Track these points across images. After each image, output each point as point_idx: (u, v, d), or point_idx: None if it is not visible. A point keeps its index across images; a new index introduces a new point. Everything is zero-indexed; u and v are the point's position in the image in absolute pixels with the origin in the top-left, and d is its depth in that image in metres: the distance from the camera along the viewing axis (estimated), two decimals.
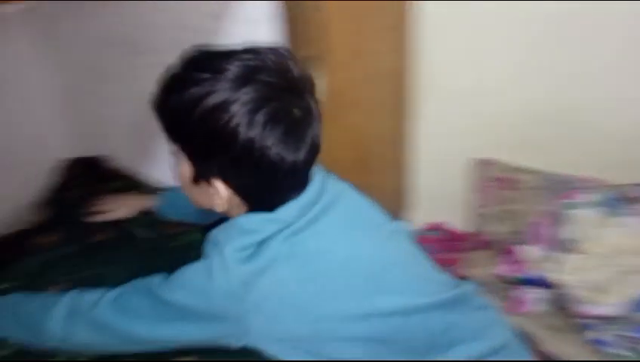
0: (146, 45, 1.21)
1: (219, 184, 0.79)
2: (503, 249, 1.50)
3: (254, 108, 0.73)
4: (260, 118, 0.73)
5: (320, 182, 0.85)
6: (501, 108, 1.54)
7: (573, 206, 1.40)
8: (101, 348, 0.88)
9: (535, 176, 1.53)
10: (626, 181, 1.41)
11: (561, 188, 1.46)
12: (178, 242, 1.22)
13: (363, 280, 0.81)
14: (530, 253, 1.41)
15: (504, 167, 1.58)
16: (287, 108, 0.75)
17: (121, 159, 1.48)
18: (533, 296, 1.39)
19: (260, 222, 0.80)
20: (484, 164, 1.61)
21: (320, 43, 1.10)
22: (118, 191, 1.37)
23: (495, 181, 1.59)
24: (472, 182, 1.66)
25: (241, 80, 0.73)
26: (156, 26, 1.19)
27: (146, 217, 1.27)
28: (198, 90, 0.73)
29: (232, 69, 0.73)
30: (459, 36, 1.48)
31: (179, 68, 0.77)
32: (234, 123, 0.72)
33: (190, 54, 0.77)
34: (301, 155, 0.78)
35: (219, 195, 0.81)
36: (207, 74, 0.73)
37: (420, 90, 1.55)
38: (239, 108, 0.72)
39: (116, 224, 1.27)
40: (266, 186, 0.80)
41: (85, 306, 0.85)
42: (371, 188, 1.55)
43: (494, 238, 1.56)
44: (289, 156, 0.76)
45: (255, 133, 0.73)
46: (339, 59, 1.18)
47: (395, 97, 1.54)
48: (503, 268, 1.45)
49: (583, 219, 1.38)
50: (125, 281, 0.86)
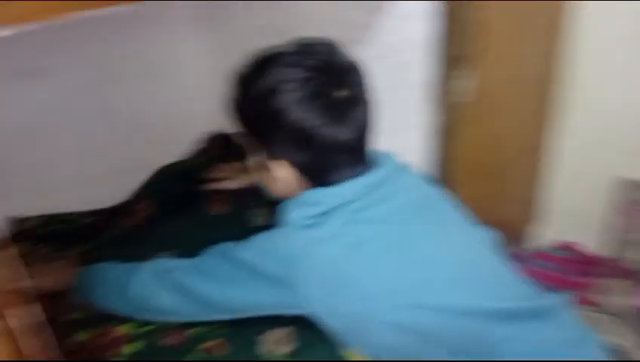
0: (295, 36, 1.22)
1: (284, 163, 0.86)
2: None
3: (299, 88, 0.80)
4: (304, 96, 0.80)
5: (388, 169, 0.89)
6: None
7: None
8: (178, 313, 0.93)
9: None
10: None
11: None
12: None
13: (415, 270, 0.82)
14: None
15: None
16: (329, 88, 0.82)
17: None
18: None
19: (322, 195, 0.85)
20: (630, 185, 1.48)
21: (475, 43, 1.06)
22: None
23: None
24: (614, 204, 1.53)
25: (291, 63, 0.82)
26: (311, 19, 1.20)
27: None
28: (257, 80, 0.83)
29: (285, 55, 0.83)
30: (617, 43, 1.36)
31: (242, 65, 0.87)
32: (282, 103, 0.81)
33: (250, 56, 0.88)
34: (343, 133, 0.83)
35: (286, 175, 0.87)
36: (266, 64, 0.84)
37: (566, 99, 1.45)
38: (286, 89, 0.81)
39: (234, 198, 1.31)
40: (320, 162, 0.85)
41: (167, 270, 0.92)
42: (502, 194, 1.50)
43: (636, 267, 1.43)
44: (331, 132, 0.82)
45: (299, 110, 0.81)
46: (488, 60, 1.13)
47: (539, 104, 1.45)
48: None
49: None
50: None
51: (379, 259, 0.81)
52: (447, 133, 1.15)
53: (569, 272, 1.52)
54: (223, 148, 1.50)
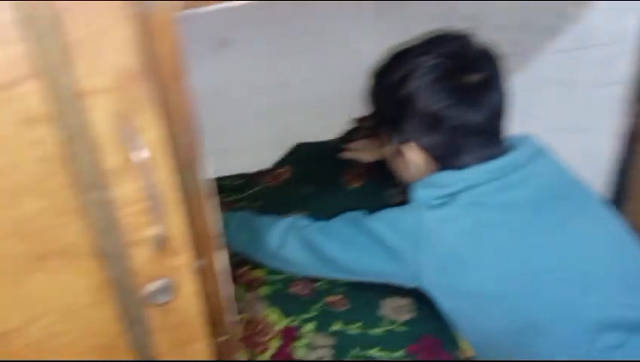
0: (488, 22, 1.19)
1: (413, 147, 0.89)
2: None
3: (431, 72, 0.84)
4: (436, 79, 0.83)
5: (522, 155, 0.88)
6: None
7: None
8: (303, 267, 1.00)
9: None
10: None
11: None
12: None
13: (534, 260, 0.82)
14: None
15: None
16: (461, 72, 0.84)
17: None
18: None
19: (450, 178, 0.87)
20: None
21: None
22: None
23: None
24: None
25: (424, 50, 0.86)
26: (507, 4, 1.16)
27: None
28: (392, 69, 0.89)
29: (420, 43, 0.88)
30: None
31: (384, 58, 0.93)
32: (414, 88, 0.84)
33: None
34: (476, 117, 0.85)
35: (415, 159, 0.90)
36: (402, 54, 0.89)
37: None
38: (418, 74, 0.84)
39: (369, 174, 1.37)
40: (451, 145, 0.87)
41: (300, 226, 0.99)
42: None
43: None
44: (463, 115, 0.84)
45: (431, 94, 0.84)
46: None
47: None
48: None
49: None
50: None
51: (498, 245, 0.83)
52: (635, 138, 1.08)
53: None
54: (370, 130, 1.56)
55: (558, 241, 0.84)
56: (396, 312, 0.99)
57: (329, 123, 1.56)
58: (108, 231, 0.51)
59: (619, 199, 1.10)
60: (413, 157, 0.91)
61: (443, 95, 0.84)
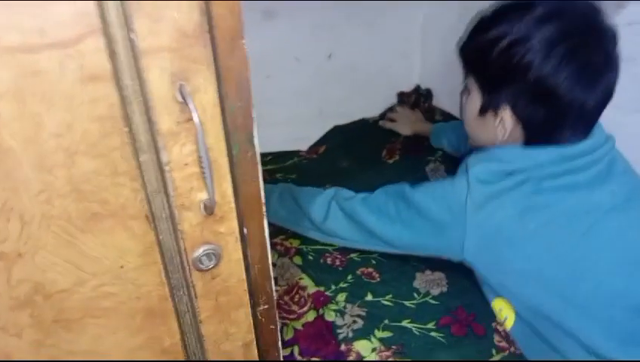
0: None
1: (507, 112, 0.85)
2: None
3: (552, 44, 0.78)
4: (557, 53, 0.78)
5: (598, 141, 0.85)
6: None
7: None
8: (346, 238, 1.01)
9: None
10: None
11: None
12: None
13: (585, 244, 0.81)
14: None
15: None
16: (585, 49, 0.79)
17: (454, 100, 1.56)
18: None
19: (515, 154, 0.84)
20: None
21: None
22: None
23: None
24: None
25: (545, 18, 0.79)
26: None
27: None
28: (503, 28, 0.82)
29: (539, 8, 0.80)
30: None
31: (488, 12, 0.86)
32: (530, 56, 0.79)
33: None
34: (591, 98, 0.81)
35: (503, 124, 0.86)
36: (514, 14, 0.81)
37: None
38: (537, 44, 0.78)
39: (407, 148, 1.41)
40: (552, 121, 0.83)
41: (344, 196, 1.00)
42: None
43: None
44: (579, 95, 0.80)
45: (549, 67, 0.78)
46: None
47: None
48: None
49: None
50: None
51: (549, 228, 0.81)
52: None
53: None
54: (415, 103, 1.60)
55: (609, 226, 0.82)
56: (429, 285, 1.01)
57: (372, 97, 1.56)
58: (159, 194, 0.51)
59: None
60: (504, 122, 0.86)
61: (563, 72, 0.78)
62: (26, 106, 0.42)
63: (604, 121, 0.90)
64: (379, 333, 0.93)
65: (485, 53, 0.85)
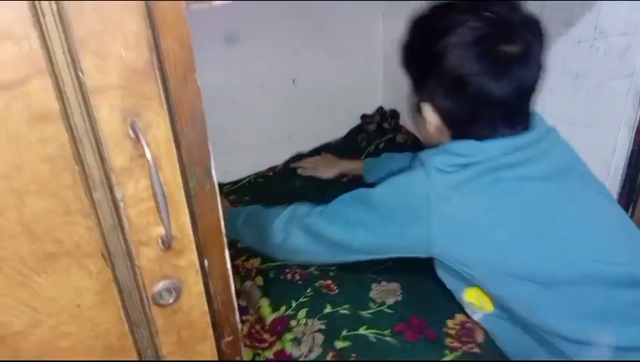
0: None
1: (428, 108, 0.87)
2: None
3: (468, 38, 0.79)
4: (471, 47, 0.79)
5: (540, 131, 0.87)
6: None
7: None
8: (312, 255, 1.00)
9: None
10: None
11: None
12: None
13: (550, 227, 0.82)
14: None
15: None
16: (494, 39, 0.79)
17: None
18: None
19: (468, 148, 0.84)
20: None
21: None
22: (399, 146, 1.52)
23: None
24: None
25: (463, 12, 0.81)
26: None
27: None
28: (425, 25, 0.86)
29: (459, 6, 0.83)
30: None
31: (423, 11, 0.88)
32: (442, 49, 0.80)
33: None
34: (507, 90, 0.81)
35: (430, 120, 0.88)
36: (437, 11, 0.85)
37: None
38: (452, 37, 0.79)
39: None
40: (471, 115, 0.84)
41: (301, 214, 0.99)
42: None
43: None
44: (494, 89, 0.80)
45: (463, 60, 0.79)
46: None
47: None
48: None
49: None
50: None
51: (513, 215, 0.83)
52: None
53: None
54: (379, 124, 1.61)
55: (570, 210, 0.85)
56: (384, 295, 1.03)
57: (337, 120, 1.57)
58: (114, 231, 0.51)
59: (631, 192, 1.10)
60: (428, 117, 0.88)
61: (472, 61, 0.79)
62: None
63: None
64: (339, 344, 0.94)
65: (411, 50, 0.89)
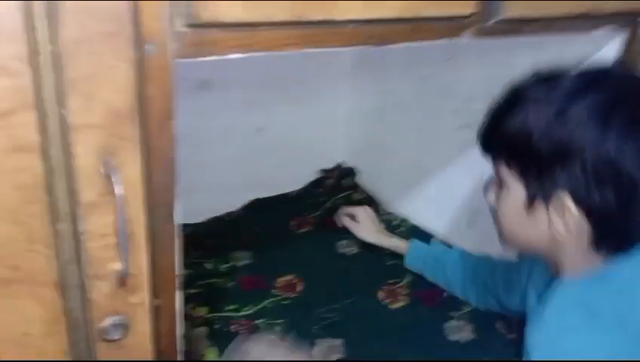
0: (458, 93, 1.29)
1: (567, 200, 0.69)
2: None
3: (603, 112, 0.66)
4: (611, 122, 0.66)
5: None
6: None
7: None
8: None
9: None
10: None
11: None
12: None
13: None
14: None
15: None
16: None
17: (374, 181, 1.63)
18: None
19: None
20: None
21: None
22: (355, 204, 1.52)
23: None
24: None
25: (582, 85, 0.69)
26: (477, 77, 1.23)
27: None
28: (539, 103, 0.70)
29: (569, 77, 0.70)
30: None
31: (511, 91, 0.75)
32: (582, 131, 0.66)
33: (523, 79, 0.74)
34: None
35: (564, 217, 0.70)
36: (542, 89, 0.70)
37: None
38: (585, 113, 0.66)
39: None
40: (627, 211, 0.68)
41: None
42: None
43: None
44: None
45: (607, 140, 0.65)
46: None
47: None
48: None
49: None
50: None
51: None
52: None
53: None
54: (337, 180, 1.65)
55: None
56: (327, 352, 1.05)
57: (296, 172, 1.62)
58: (72, 263, 0.52)
59: None
60: (565, 214, 0.69)
61: (622, 142, 0.65)
62: None
63: None
64: None
65: (522, 135, 0.71)
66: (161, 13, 0.47)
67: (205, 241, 1.33)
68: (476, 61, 1.22)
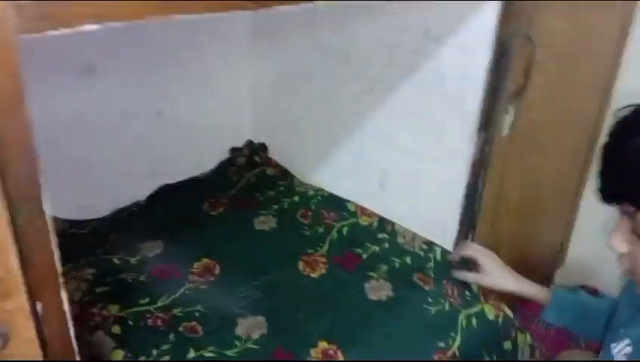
0: (356, 58, 1.29)
1: None
2: None
3: None
4: None
5: None
6: None
7: None
8: None
9: None
10: None
11: None
12: None
13: None
14: None
15: None
16: None
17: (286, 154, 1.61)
18: None
19: None
20: None
21: (526, 79, 1.10)
22: (269, 179, 1.52)
23: None
24: None
25: None
26: (372, 41, 1.24)
27: None
28: None
29: None
30: None
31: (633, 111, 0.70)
32: None
33: None
34: None
35: None
36: None
37: None
38: None
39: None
40: None
41: None
42: (533, 233, 1.50)
43: None
44: None
45: None
46: (536, 97, 1.15)
47: (584, 148, 1.47)
48: None
49: None
50: None
51: None
52: (485, 166, 1.15)
53: None
54: (249, 157, 1.62)
55: None
56: (250, 330, 1.04)
57: (205, 154, 1.57)
58: None
59: (469, 222, 1.19)
60: None
61: None
62: None
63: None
64: None
65: None
66: None
67: (111, 235, 1.26)
68: (369, 25, 1.23)
